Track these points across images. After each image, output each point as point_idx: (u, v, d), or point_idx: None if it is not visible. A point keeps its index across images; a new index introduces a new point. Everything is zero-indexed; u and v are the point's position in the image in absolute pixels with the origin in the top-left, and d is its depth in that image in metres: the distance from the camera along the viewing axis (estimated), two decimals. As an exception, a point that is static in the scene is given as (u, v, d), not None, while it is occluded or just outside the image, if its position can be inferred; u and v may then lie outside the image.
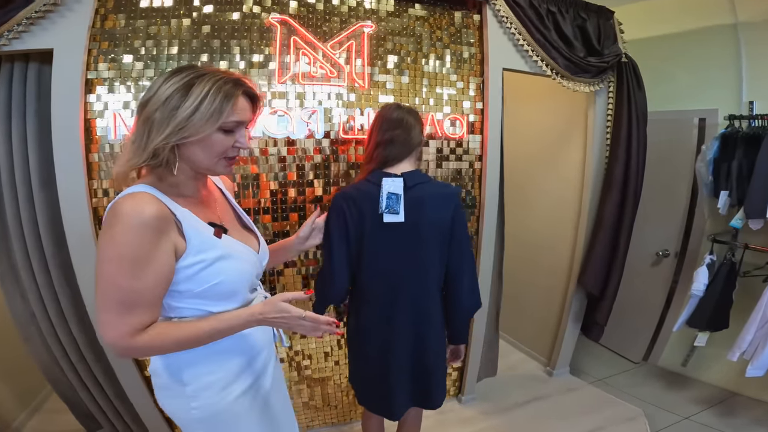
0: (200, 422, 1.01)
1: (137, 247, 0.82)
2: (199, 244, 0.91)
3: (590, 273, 2.31)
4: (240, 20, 1.63)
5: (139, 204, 0.83)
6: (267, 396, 1.13)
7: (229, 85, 0.89)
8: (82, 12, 1.48)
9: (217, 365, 1.00)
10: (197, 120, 0.86)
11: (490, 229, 2.08)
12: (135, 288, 0.83)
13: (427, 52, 1.87)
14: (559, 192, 2.56)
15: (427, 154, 1.92)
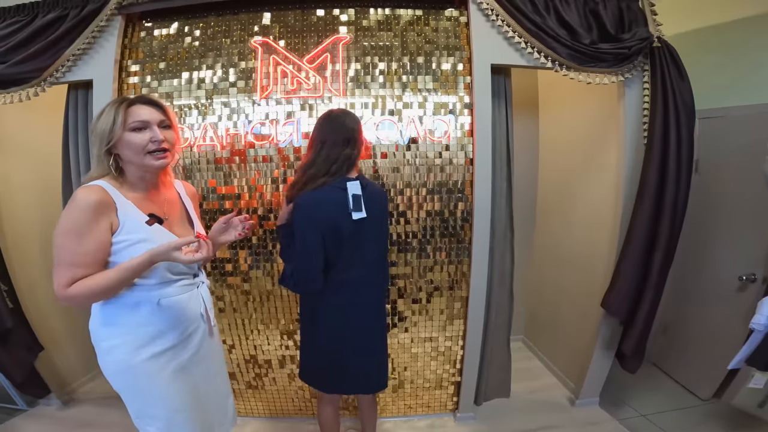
0: (114, 375, 1.32)
1: (80, 223, 1.16)
2: (130, 227, 1.22)
3: (614, 295, 2.08)
4: (229, 43, 1.93)
5: (87, 193, 1.18)
6: (184, 364, 1.38)
7: (121, 101, 1.25)
8: (110, 48, 1.91)
9: (128, 330, 1.28)
10: (106, 127, 1.21)
11: (482, 236, 2.03)
12: (76, 251, 1.16)
13: (408, 56, 1.93)
14: (594, 201, 2.35)
15: (413, 160, 1.97)
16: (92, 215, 1.16)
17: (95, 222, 1.17)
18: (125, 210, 1.22)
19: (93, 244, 1.17)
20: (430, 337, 2.20)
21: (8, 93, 1.89)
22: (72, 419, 2.37)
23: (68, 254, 1.16)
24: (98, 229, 1.18)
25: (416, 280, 2.10)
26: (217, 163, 1.96)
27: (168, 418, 1.37)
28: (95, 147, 1.23)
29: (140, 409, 1.37)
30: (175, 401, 1.37)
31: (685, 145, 1.92)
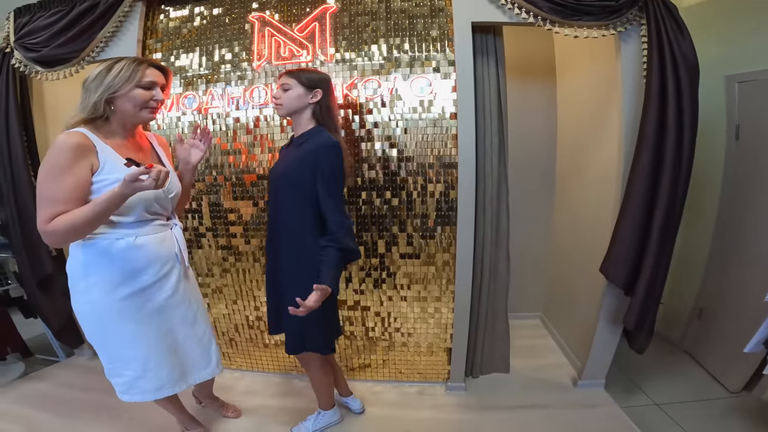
0: (89, 315, 1.51)
1: (60, 163, 1.32)
2: (109, 168, 1.40)
3: (611, 259, 2.04)
4: (229, 21, 2.21)
5: (67, 136, 1.35)
6: (159, 306, 1.57)
7: (139, 61, 1.46)
8: (134, 30, 2.26)
9: (106, 269, 1.47)
10: (119, 80, 1.40)
11: (467, 193, 2.09)
12: (56, 189, 1.32)
13: (393, 20, 2.09)
14: (602, 163, 2.31)
15: (400, 115, 2.11)
16: (71, 156, 1.32)
17: (74, 162, 1.33)
18: (105, 153, 1.40)
19: (72, 181, 1.32)
20: (420, 297, 2.28)
21: (54, 71, 2.29)
22: (98, 369, 2.65)
23: (48, 191, 1.32)
24: (77, 168, 1.33)
25: (405, 234, 2.21)
26: (223, 123, 2.24)
27: (143, 360, 1.56)
28: (95, 94, 1.40)
29: (114, 352, 1.56)
30: (150, 343, 1.56)
31: (686, 98, 1.87)
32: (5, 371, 2.62)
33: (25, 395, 2.42)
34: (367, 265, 2.27)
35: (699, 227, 2.84)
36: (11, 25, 2.36)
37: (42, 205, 1.32)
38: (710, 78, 2.68)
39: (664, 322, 3.09)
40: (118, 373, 1.59)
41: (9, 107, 2.34)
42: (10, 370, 2.63)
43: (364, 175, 2.17)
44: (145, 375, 1.58)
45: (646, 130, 1.90)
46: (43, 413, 2.23)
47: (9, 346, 2.69)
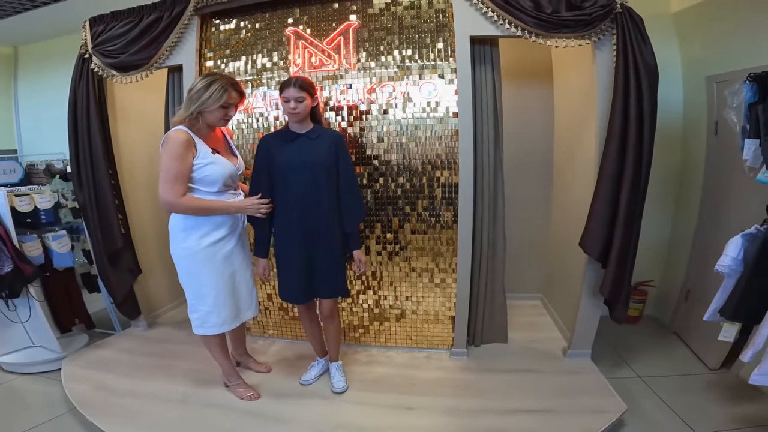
0: (185, 258, 2.13)
1: (178, 151, 1.96)
2: (203, 155, 2.05)
3: (588, 233, 2.48)
4: (269, 34, 2.73)
5: (178, 133, 1.98)
6: (228, 254, 2.20)
7: (228, 85, 2.03)
8: (192, 40, 2.82)
9: (198, 223, 2.10)
10: (211, 100, 2.01)
11: (467, 175, 2.56)
12: (178, 169, 1.96)
13: (405, 34, 2.58)
14: (586, 156, 2.74)
15: (411, 114, 2.60)
16: (185, 147, 1.96)
17: (186, 151, 1.97)
18: (200, 144, 2.05)
19: (185, 165, 1.98)
20: (427, 269, 2.77)
21: (128, 75, 2.86)
22: (153, 337, 3.27)
23: (173, 172, 1.94)
24: (187, 156, 1.98)
25: (416, 213, 2.70)
26: (264, 121, 2.78)
27: (215, 296, 2.17)
28: (193, 105, 2.00)
29: (197, 289, 2.17)
30: (221, 282, 2.18)
31: (646, 97, 2.29)
32: (72, 342, 3.10)
33: (92, 360, 2.87)
34: (383, 240, 2.76)
35: (685, 216, 3.22)
36: (87, 32, 2.94)
37: (168, 182, 1.94)
38: (693, 79, 3.08)
39: (656, 306, 3.49)
40: (196, 308, 2.20)
41: (90, 107, 2.93)
42: (76, 341, 3.12)
43: (382, 164, 2.67)
44: (215, 310, 2.18)
45: (613, 123, 2.34)
46: (108, 374, 2.68)
47: (77, 317, 3.25)
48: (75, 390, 2.50)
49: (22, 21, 3.90)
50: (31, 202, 2.78)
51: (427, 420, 2.23)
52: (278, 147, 2.18)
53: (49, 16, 3.79)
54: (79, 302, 3.26)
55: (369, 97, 2.61)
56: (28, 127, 4.41)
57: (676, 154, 3.28)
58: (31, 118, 4.36)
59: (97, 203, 2.97)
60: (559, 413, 2.23)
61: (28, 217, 2.77)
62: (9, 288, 2.61)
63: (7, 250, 2.56)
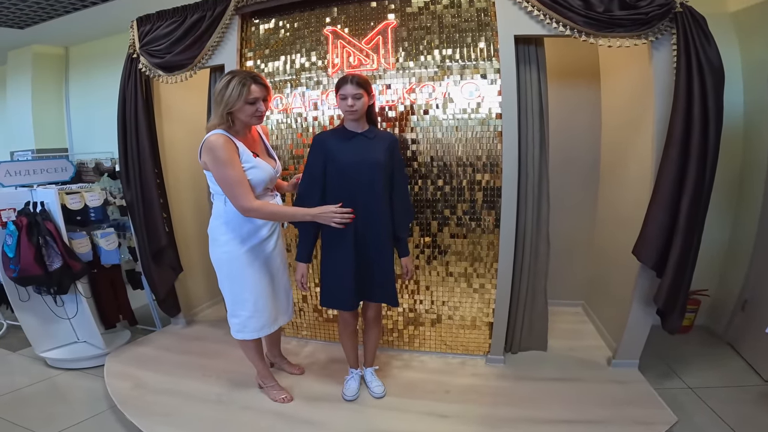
0: (227, 262, 2.15)
1: (228, 156, 1.93)
2: (245, 158, 2.03)
3: (642, 241, 2.37)
4: (308, 33, 2.74)
5: (216, 138, 1.94)
6: (268, 256, 2.22)
7: (246, 79, 1.98)
8: (233, 40, 2.86)
9: (238, 227, 2.11)
10: (231, 99, 1.96)
11: (510, 179, 2.49)
12: (237, 174, 1.95)
13: (445, 33, 2.53)
14: (639, 160, 2.63)
15: (452, 115, 2.56)
16: (230, 150, 1.94)
17: (233, 154, 1.95)
18: (241, 148, 2.02)
19: (239, 167, 1.96)
20: (466, 274, 2.73)
21: (173, 75, 2.94)
22: (190, 335, 3.36)
23: (234, 178, 1.92)
24: (236, 158, 1.96)
25: (456, 216, 2.66)
26: (303, 121, 2.79)
27: (255, 301, 2.18)
28: (220, 107, 1.97)
29: (238, 294, 2.18)
30: (261, 285, 2.19)
31: (711, 99, 2.15)
32: (115, 338, 3.23)
33: (133, 357, 2.98)
34: (422, 243, 2.74)
35: (745, 221, 3.04)
36: (135, 33, 3.03)
37: (235, 188, 1.94)
38: (754, 80, 2.91)
39: (709, 315, 3.33)
40: (236, 313, 2.21)
41: (138, 106, 3.02)
42: (119, 337, 3.26)
43: (421, 166, 2.63)
44: (255, 315, 2.20)
45: (674, 127, 2.22)
46: (148, 372, 2.76)
47: (122, 314, 3.38)
48: (116, 387, 2.59)
49: (71, 21, 4.08)
50: (81, 200, 2.91)
51: (461, 428, 2.19)
52: (336, 145, 2.13)
53: (97, 16, 3.96)
54: (124, 299, 3.39)
55: (409, 98, 2.58)
56: (78, 126, 4.62)
57: (737, 157, 3.09)
58: (81, 117, 4.57)
59: (143, 201, 3.07)
60: (603, 424, 2.15)
61: (78, 214, 2.90)
62: (58, 284, 2.73)
63: (57, 247, 2.69)
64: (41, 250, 2.67)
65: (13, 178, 2.85)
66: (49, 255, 2.69)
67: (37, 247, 2.65)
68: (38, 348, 3.02)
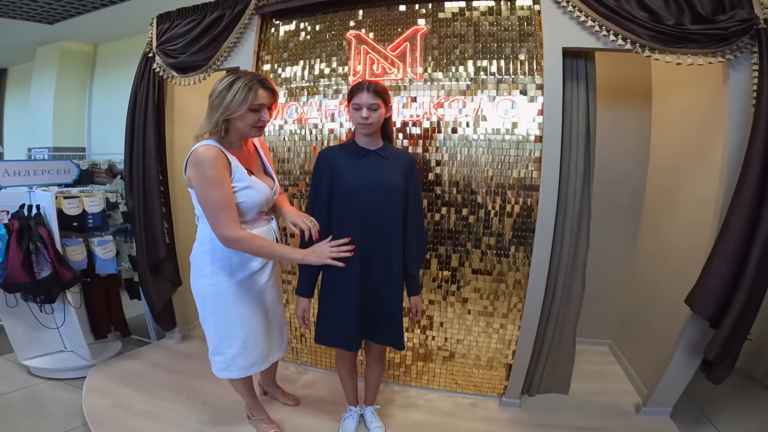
0: (211, 296, 1.86)
1: (215, 175, 1.63)
2: (238, 176, 1.73)
3: (699, 291, 2.01)
4: (329, 37, 2.50)
5: (208, 151, 1.63)
6: (260, 289, 1.92)
7: (253, 82, 1.67)
8: (251, 41, 2.63)
9: (227, 256, 1.81)
10: (234, 104, 1.65)
11: (547, 213, 2.18)
12: (223, 195, 1.64)
13: (481, 43, 2.24)
14: (699, 196, 2.26)
15: (483, 136, 2.26)
16: (219, 166, 1.63)
17: (223, 172, 1.64)
18: (235, 164, 1.71)
19: (228, 188, 1.66)
20: (486, 312, 2.41)
21: (187, 77, 2.75)
22: (183, 352, 3.13)
23: (218, 201, 1.62)
24: (225, 177, 1.65)
25: (479, 251, 2.35)
26: (318, 133, 2.53)
27: (245, 338, 1.90)
28: (216, 113, 1.65)
29: (224, 331, 1.89)
30: (252, 322, 1.90)
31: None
32: (105, 349, 3.01)
33: (118, 372, 2.77)
34: (439, 277, 2.44)
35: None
36: (154, 30, 2.86)
37: (219, 214, 1.64)
38: None
39: (748, 358, 2.96)
40: (221, 351, 1.92)
41: (148, 108, 2.84)
42: (109, 348, 3.04)
43: (444, 192, 2.34)
44: (243, 353, 1.91)
45: (751, 161, 1.85)
46: (130, 390, 2.57)
47: (113, 325, 3.17)
48: (92, 405, 2.40)
49: (100, 18, 4.00)
50: (80, 205, 2.73)
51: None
52: (344, 163, 1.84)
53: (125, 13, 3.86)
54: (118, 309, 3.19)
55: (436, 113, 2.29)
56: (98, 126, 4.54)
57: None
58: (102, 116, 4.49)
59: (144, 210, 2.88)
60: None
61: (74, 220, 2.72)
62: (45, 293, 2.54)
63: (47, 254, 2.51)
64: (30, 256, 2.49)
65: (12, 178, 2.70)
66: (39, 262, 2.51)
67: (27, 253, 2.47)
68: (22, 355, 2.84)
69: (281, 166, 2.62)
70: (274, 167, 2.09)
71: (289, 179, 2.61)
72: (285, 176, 2.62)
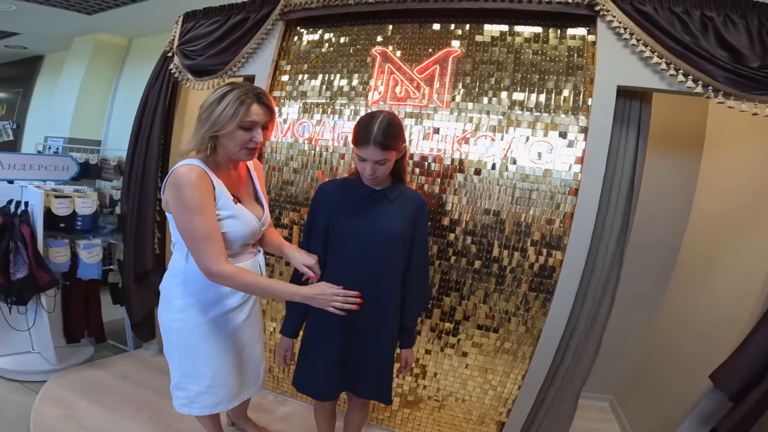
0: (179, 332, 1.60)
1: (199, 199, 1.39)
2: (222, 203, 1.48)
3: (729, 367, 1.75)
4: (354, 51, 2.27)
5: (190, 172, 1.40)
6: (236, 327, 1.65)
7: (247, 95, 1.42)
8: (271, 48, 2.42)
9: (202, 290, 1.56)
10: (222, 119, 1.40)
11: (571, 276, 1.91)
12: (206, 224, 1.40)
13: (521, 73, 1.97)
14: (747, 265, 1.95)
15: (509, 180, 1.97)
16: (203, 190, 1.40)
17: (207, 196, 1.41)
18: (220, 188, 1.47)
19: (211, 215, 1.42)
20: (485, 368, 2.13)
21: (202, 80, 2.56)
22: (156, 365, 2.86)
23: (202, 230, 1.39)
24: (209, 201, 1.42)
25: (488, 306, 2.06)
26: (329, 158, 2.28)
27: (212, 376, 1.63)
28: (203, 128, 1.42)
29: (189, 368, 1.63)
30: (222, 360, 1.63)
31: None
32: (75, 353, 2.81)
33: (81, 381, 2.57)
34: (439, 327, 2.15)
35: None
36: (178, 29, 2.70)
37: (202, 244, 1.40)
38: None
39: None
40: (184, 387, 1.66)
41: (157, 111, 2.68)
42: (80, 353, 2.83)
43: (457, 240, 2.05)
44: (209, 391, 1.64)
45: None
46: (89, 402, 2.37)
47: (87, 330, 2.96)
48: (42, 414, 2.21)
49: (137, 11, 3.91)
50: (70, 206, 2.56)
51: None
52: (343, 203, 1.61)
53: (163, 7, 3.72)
54: (96, 314, 2.99)
55: (459, 149, 2.02)
56: (117, 120, 4.41)
57: None
58: (123, 112, 4.35)
59: (137, 216, 2.68)
60: None
61: (62, 221, 2.55)
62: (17, 295, 2.37)
63: (26, 254, 2.34)
64: (8, 255, 2.32)
65: (6, 171, 2.54)
66: (16, 262, 2.34)
67: (4, 252, 2.31)
68: (-16, 353, 2.67)
69: (285, 189, 2.38)
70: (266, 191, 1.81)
71: (292, 204, 2.36)
72: (288, 200, 2.38)
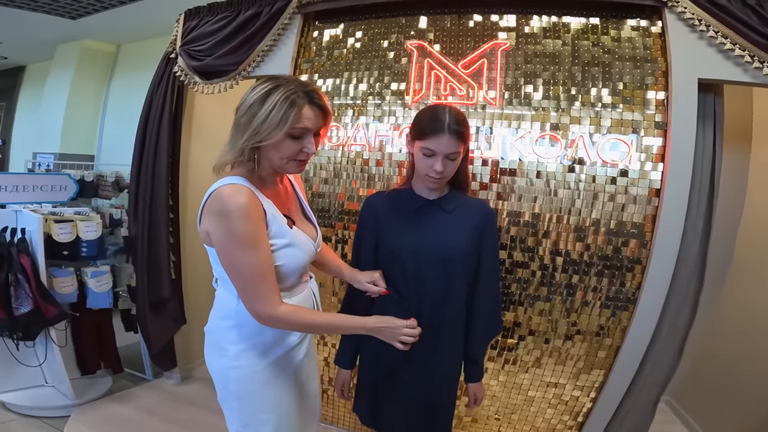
0: (236, 380, 1.34)
1: (249, 232, 1.13)
2: (276, 231, 1.21)
3: None
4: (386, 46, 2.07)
5: (236, 193, 1.12)
6: (298, 365, 1.41)
7: (297, 95, 1.14)
8: (289, 45, 2.22)
9: (258, 332, 1.30)
10: (267, 126, 1.12)
11: (658, 284, 1.77)
12: (260, 260, 1.15)
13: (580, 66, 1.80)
14: None
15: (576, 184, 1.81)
16: (254, 218, 1.14)
17: (258, 225, 1.16)
18: (271, 213, 1.20)
19: (265, 248, 1.17)
20: (555, 383, 1.98)
21: (211, 83, 2.33)
22: (182, 395, 2.70)
23: (256, 268, 1.15)
24: (262, 231, 1.17)
25: (555, 320, 1.90)
26: (364, 164, 2.07)
27: (277, 423, 1.38)
28: (242, 137, 1.15)
29: (251, 416, 1.37)
30: (287, 404, 1.39)
31: None
32: (91, 385, 2.63)
33: (104, 417, 2.42)
34: (499, 344, 1.98)
35: None
36: (180, 27, 2.46)
37: (255, 285, 1.16)
38: None
39: None
40: None
41: (163, 119, 2.44)
42: (97, 385, 2.65)
43: (518, 253, 1.88)
44: None
45: None
46: None
47: (103, 361, 2.74)
48: None
49: (122, 14, 3.65)
50: (73, 231, 2.32)
51: None
52: (392, 217, 1.42)
53: (152, 10, 3.48)
54: (111, 346, 2.76)
55: (518, 149, 1.83)
56: (111, 133, 4.15)
57: None
58: (116, 123, 4.10)
59: (149, 239, 2.45)
60: None
61: (66, 248, 2.31)
62: (24, 330, 2.15)
63: (29, 288, 2.11)
64: (9, 289, 2.09)
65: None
66: (18, 296, 2.11)
67: (4, 286, 2.08)
68: (-4, 388, 2.44)
69: (314, 202, 2.16)
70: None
71: (324, 219, 2.15)
72: (319, 215, 2.15)
